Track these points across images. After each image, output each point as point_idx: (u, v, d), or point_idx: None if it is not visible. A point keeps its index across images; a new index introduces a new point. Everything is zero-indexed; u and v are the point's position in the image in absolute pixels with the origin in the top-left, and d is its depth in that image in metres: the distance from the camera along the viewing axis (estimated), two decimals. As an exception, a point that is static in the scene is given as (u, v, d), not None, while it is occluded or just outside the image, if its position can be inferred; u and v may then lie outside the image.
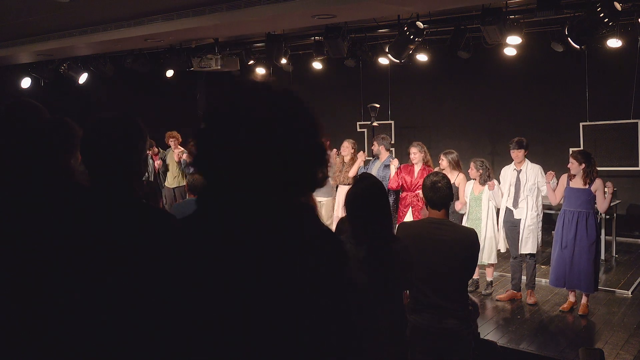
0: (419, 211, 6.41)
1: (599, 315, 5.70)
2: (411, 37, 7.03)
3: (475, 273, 6.30)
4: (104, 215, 1.84)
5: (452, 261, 3.17)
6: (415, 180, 6.57)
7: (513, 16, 6.78)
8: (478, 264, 4.34)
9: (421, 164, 6.65)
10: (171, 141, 9.31)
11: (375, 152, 7.49)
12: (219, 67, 8.84)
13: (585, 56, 8.18)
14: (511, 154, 6.06)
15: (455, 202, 6.15)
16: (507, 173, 6.16)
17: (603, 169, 8.29)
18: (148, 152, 8.43)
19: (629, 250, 8.41)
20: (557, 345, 5.02)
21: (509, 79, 9.39)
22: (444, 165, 6.46)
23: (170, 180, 9.30)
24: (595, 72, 8.54)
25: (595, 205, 5.64)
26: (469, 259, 3.28)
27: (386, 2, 5.92)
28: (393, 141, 10.61)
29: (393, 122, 10.60)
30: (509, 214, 6.11)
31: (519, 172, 6.03)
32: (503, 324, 5.54)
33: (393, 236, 2.87)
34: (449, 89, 10.23)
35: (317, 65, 9.58)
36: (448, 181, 3.27)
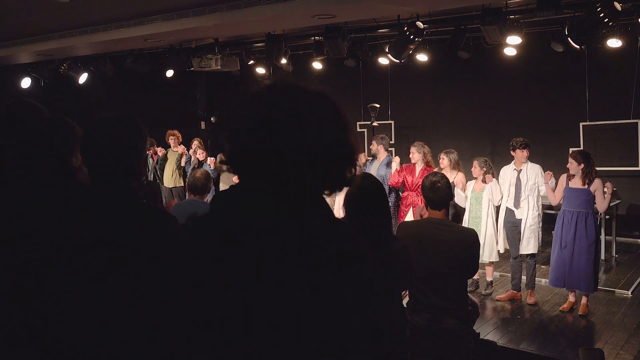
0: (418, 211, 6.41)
1: (599, 315, 5.70)
2: (411, 37, 7.03)
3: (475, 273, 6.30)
4: (104, 215, 1.84)
5: (452, 261, 3.17)
6: (416, 180, 6.57)
7: (513, 16, 6.78)
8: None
9: (422, 164, 6.64)
10: (171, 139, 9.30)
11: (374, 152, 7.47)
12: (219, 67, 8.84)
13: (585, 56, 8.18)
14: (516, 154, 6.04)
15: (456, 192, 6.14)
16: (507, 173, 6.16)
17: (603, 169, 8.30)
18: (148, 151, 8.32)
19: (629, 250, 8.41)
20: (557, 345, 5.02)
21: (509, 79, 9.39)
22: (445, 164, 6.46)
23: (168, 180, 9.26)
24: (595, 72, 8.54)
25: (594, 205, 5.64)
26: (469, 259, 3.28)
27: (386, 2, 5.92)
28: (393, 141, 10.62)
29: (393, 122, 10.60)
30: (509, 215, 6.11)
31: (519, 172, 6.03)
32: (503, 324, 5.54)
33: (393, 236, 2.87)
34: (449, 89, 10.23)
35: (317, 65, 9.58)
36: (447, 181, 3.27)
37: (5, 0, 6.08)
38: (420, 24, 6.95)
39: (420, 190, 4.08)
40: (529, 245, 5.97)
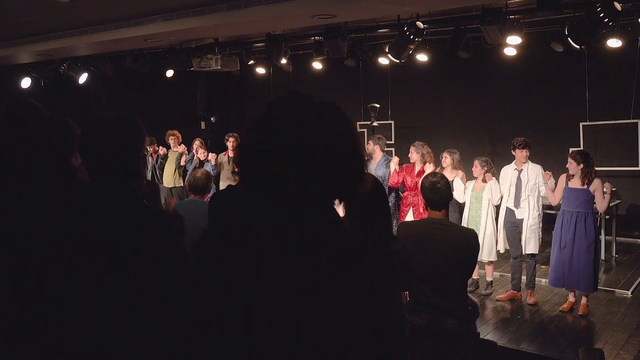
0: (419, 211, 6.41)
1: (599, 315, 5.70)
2: (411, 37, 7.03)
3: (475, 273, 6.31)
4: (104, 215, 1.84)
5: (452, 261, 3.17)
6: (415, 179, 6.56)
7: (513, 16, 6.78)
8: (478, 261, 4.35)
9: (421, 164, 6.63)
10: (171, 139, 9.30)
11: (370, 152, 7.40)
12: (219, 67, 8.84)
13: (585, 56, 8.18)
14: (516, 154, 6.04)
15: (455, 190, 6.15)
16: (508, 173, 6.16)
17: (603, 169, 8.30)
18: (149, 149, 8.31)
19: (629, 250, 8.41)
20: (557, 345, 5.02)
21: (509, 79, 9.39)
22: (447, 163, 6.45)
23: (167, 180, 9.27)
24: (595, 72, 8.54)
25: (594, 205, 5.65)
26: (469, 259, 3.28)
27: (386, 2, 5.92)
28: (393, 141, 10.62)
29: (393, 122, 10.60)
30: (509, 214, 6.11)
31: (519, 172, 6.04)
32: (503, 324, 5.54)
33: (393, 236, 2.87)
34: (449, 89, 10.23)
35: (317, 65, 9.58)
36: (447, 181, 3.27)
37: (5, 0, 6.08)
38: (420, 24, 6.95)
39: (419, 190, 4.08)
40: (529, 245, 5.97)
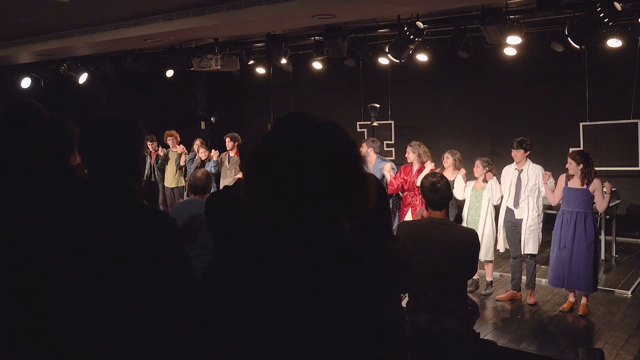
0: (417, 212, 6.41)
1: (599, 315, 5.70)
2: (411, 37, 7.03)
3: (475, 273, 6.30)
4: (104, 215, 1.84)
5: (452, 261, 3.17)
6: (413, 179, 6.54)
7: (513, 16, 6.78)
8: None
9: (418, 164, 6.62)
10: (169, 140, 9.31)
11: (363, 155, 7.31)
12: (219, 67, 8.84)
13: (585, 56, 8.18)
14: (512, 154, 6.06)
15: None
16: (509, 172, 6.16)
17: (603, 169, 8.29)
18: (150, 146, 8.31)
19: (629, 250, 8.41)
20: (557, 345, 5.02)
21: (509, 79, 9.39)
22: (449, 163, 6.45)
23: (170, 180, 9.30)
24: (595, 72, 8.54)
25: (593, 205, 5.64)
26: (469, 259, 3.28)
27: (386, 2, 5.92)
28: (393, 141, 10.62)
29: (393, 122, 10.60)
30: (509, 214, 6.11)
31: (520, 172, 6.03)
32: (503, 324, 5.54)
33: (393, 236, 2.87)
34: (449, 89, 10.23)
35: (317, 65, 9.59)
36: (447, 181, 3.28)
37: (5, 0, 6.08)
38: (420, 24, 6.95)
39: (417, 189, 4.08)
40: (529, 245, 5.97)
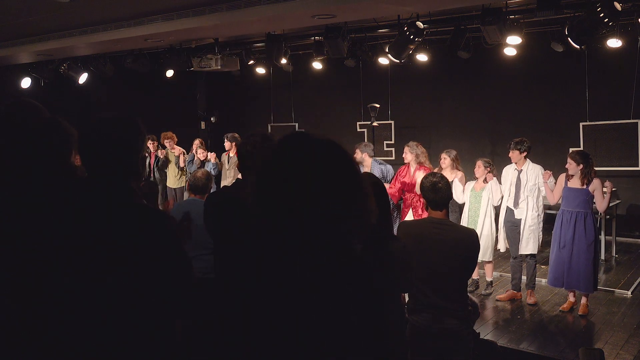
0: (418, 212, 6.41)
1: (599, 315, 5.70)
2: (411, 37, 7.03)
3: (475, 273, 6.31)
4: (104, 215, 1.84)
5: (452, 261, 3.17)
6: (412, 179, 6.54)
7: (513, 16, 6.77)
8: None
9: (415, 164, 6.60)
10: (167, 142, 9.32)
11: (359, 160, 7.25)
12: (219, 67, 8.84)
13: (585, 56, 8.18)
14: (510, 155, 6.06)
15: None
16: (509, 172, 6.15)
17: (603, 169, 8.29)
18: (150, 145, 8.29)
19: (629, 250, 8.41)
20: (557, 345, 5.02)
21: (509, 79, 9.39)
22: (447, 164, 6.44)
23: (172, 180, 9.35)
24: (595, 72, 8.54)
25: (593, 205, 5.64)
26: (469, 259, 3.28)
27: (386, 2, 5.91)
28: (393, 141, 10.61)
29: (393, 122, 10.60)
30: (509, 214, 6.11)
31: (519, 172, 6.03)
32: (503, 324, 5.54)
33: (393, 236, 2.87)
34: (449, 89, 10.23)
35: (317, 65, 9.58)
36: (447, 181, 3.27)
37: (5, 0, 6.08)
38: (420, 24, 6.95)
39: (416, 190, 4.06)
40: (528, 245, 5.96)
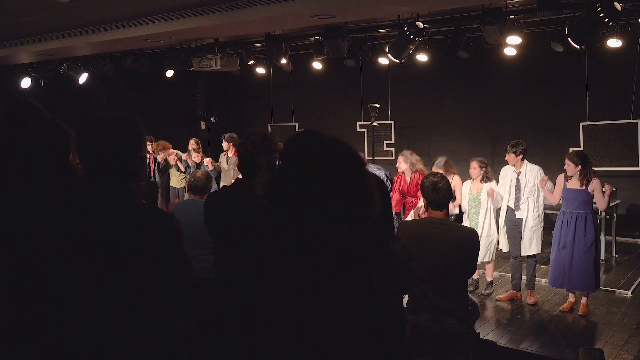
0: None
1: (599, 315, 5.70)
2: (411, 37, 7.03)
3: (475, 273, 6.30)
4: (104, 215, 1.84)
5: (453, 261, 3.16)
6: (410, 186, 6.57)
7: (513, 16, 6.78)
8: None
9: (410, 172, 6.61)
10: (161, 154, 9.32)
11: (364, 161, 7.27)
12: (219, 67, 8.84)
13: (585, 56, 8.18)
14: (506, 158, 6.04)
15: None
16: (507, 173, 6.13)
17: (603, 169, 8.30)
18: (149, 146, 8.25)
19: (629, 250, 8.41)
20: (557, 345, 5.02)
21: (509, 79, 9.39)
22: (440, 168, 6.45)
23: (176, 180, 9.40)
24: (595, 72, 8.54)
25: (594, 205, 5.64)
26: (469, 259, 3.28)
27: (386, 2, 5.91)
28: (393, 141, 10.61)
29: (393, 122, 10.60)
30: (510, 213, 6.10)
31: (518, 175, 6.01)
32: (503, 324, 5.54)
33: (393, 236, 2.86)
34: (449, 89, 10.23)
35: (317, 65, 9.59)
36: (447, 181, 3.27)
37: (5, 0, 6.08)
38: (420, 24, 6.95)
39: (418, 193, 4.04)
40: (531, 246, 5.96)
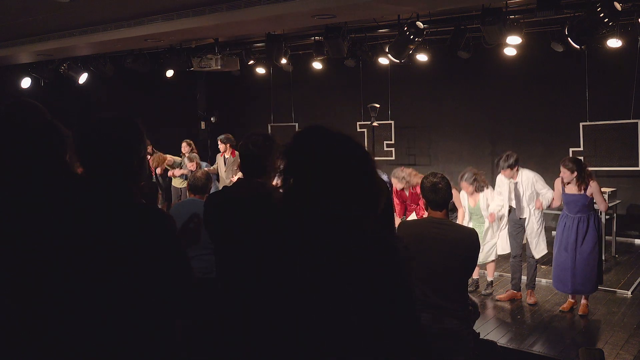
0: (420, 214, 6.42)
1: (599, 315, 5.70)
2: (411, 37, 7.03)
3: (475, 273, 6.31)
4: (104, 215, 1.84)
5: (453, 261, 3.16)
6: (410, 197, 6.57)
7: (513, 16, 6.77)
8: (477, 263, 4.34)
9: (408, 187, 6.58)
10: (158, 170, 9.32)
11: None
12: (219, 67, 8.85)
13: (585, 56, 8.18)
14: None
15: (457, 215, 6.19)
16: (504, 182, 6.05)
17: (603, 169, 8.30)
18: (149, 147, 8.21)
19: (629, 250, 8.41)
20: (557, 345, 5.02)
21: (509, 79, 9.39)
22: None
23: (177, 180, 9.43)
24: (595, 72, 8.54)
25: (594, 205, 5.64)
26: (469, 259, 3.28)
27: (386, 2, 5.91)
28: (393, 141, 10.62)
29: (393, 122, 10.60)
30: (513, 213, 6.10)
31: (516, 184, 5.97)
32: (503, 324, 5.54)
33: (393, 236, 2.86)
34: (449, 89, 10.23)
35: (317, 65, 9.59)
36: (447, 181, 3.27)
37: (5, 0, 6.08)
38: (420, 24, 6.95)
39: (419, 200, 4.02)
40: (539, 247, 5.95)
